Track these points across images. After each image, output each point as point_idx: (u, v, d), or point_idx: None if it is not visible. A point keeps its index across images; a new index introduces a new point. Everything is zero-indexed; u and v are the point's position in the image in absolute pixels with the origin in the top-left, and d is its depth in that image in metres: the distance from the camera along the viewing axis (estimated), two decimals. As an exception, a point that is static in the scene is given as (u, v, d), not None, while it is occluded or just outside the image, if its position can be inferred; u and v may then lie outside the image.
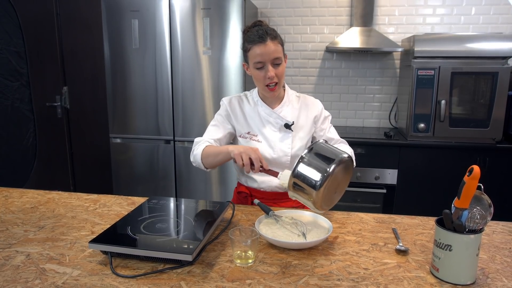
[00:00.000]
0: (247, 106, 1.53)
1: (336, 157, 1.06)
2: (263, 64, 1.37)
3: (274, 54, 1.35)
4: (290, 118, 1.48)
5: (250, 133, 1.49)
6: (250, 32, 1.39)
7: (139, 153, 2.94)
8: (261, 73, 1.38)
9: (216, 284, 0.90)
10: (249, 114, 1.51)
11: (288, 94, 1.53)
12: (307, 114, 1.52)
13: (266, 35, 1.35)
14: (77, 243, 1.12)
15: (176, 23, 2.71)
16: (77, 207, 1.42)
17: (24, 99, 2.16)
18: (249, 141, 1.49)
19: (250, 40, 1.37)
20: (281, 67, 1.39)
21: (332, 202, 1.14)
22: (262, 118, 1.49)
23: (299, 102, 1.54)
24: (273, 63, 1.37)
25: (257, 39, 1.35)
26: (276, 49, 1.36)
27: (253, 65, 1.38)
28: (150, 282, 0.91)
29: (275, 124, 1.48)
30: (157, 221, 1.15)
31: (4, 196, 1.53)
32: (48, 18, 3.22)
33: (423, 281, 0.92)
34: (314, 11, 3.20)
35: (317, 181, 1.03)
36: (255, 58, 1.36)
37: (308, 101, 1.55)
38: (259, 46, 1.34)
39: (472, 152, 2.61)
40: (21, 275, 0.94)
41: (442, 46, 2.62)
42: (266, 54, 1.34)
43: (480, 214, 0.91)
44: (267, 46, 1.34)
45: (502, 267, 0.99)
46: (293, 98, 1.54)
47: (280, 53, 1.38)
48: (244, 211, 1.38)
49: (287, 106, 1.50)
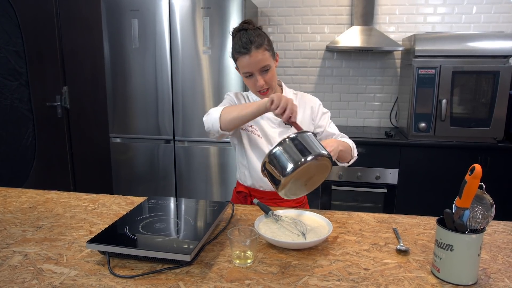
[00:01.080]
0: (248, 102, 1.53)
1: (314, 152, 1.05)
2: (251, 73, 1.36)
3: (260, 63, 1.33)
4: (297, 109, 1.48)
5: (253, 127, 1.49)
6: (236, 39, 1.37)
7: (139, 153, 2.94)
8: (251, 81, 1.39)
9: (214, 285, 0.89)
10: None
11: (285, 92, 1.54)
12: (305, 111, 1.52)
13: (250, 45, 1.31)
14: (75, 243, 1.11)
15: (176, 22, 2.70)
16: (75, 207, 1.41)
17: (23, 98, 2.15)
18: (251, 135, 1.49)
19: (236, 49, 1.35)
20: (270, 73, 1.38)
21: (298, 193, 1.15)
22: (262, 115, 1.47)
23: (296, 99, 1.54)
24: (261, 71, 1.36)
25: (241, 50, 1.33)
26: (262, 58, 1.33)
27: (242, 74, 1.40)
28: (148, 282, 0.90)
29: (274, 120, 1.48)
30: (156, 221, 1.14)
31: (3, 196, 1.52)
32: (48, 18, 3.22)
33: (424, 281, 0.91)
34: (315, 10, 3.19)
35: (287, 170, 1.03)
36: (243, 68, 1.36)
37: (305, 98, 1.55)
38: (244, 57, 1.33)
39: (473, 151, 2.60)
40: (18, 275, 0.93)
41: (443, 45, 2.60)
42: (252, 64, 1.33)
43: (482, 213, 0.90)
44: (252, 57, 1.32)
45: (504, 267, 0.98)
46: (291, 96, 1.54)
47: (267, 60, 1.35)
48: (243, 211, 1.37)
49: None
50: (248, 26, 1.37)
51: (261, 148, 1.47)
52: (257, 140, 1.47)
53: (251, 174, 1.50)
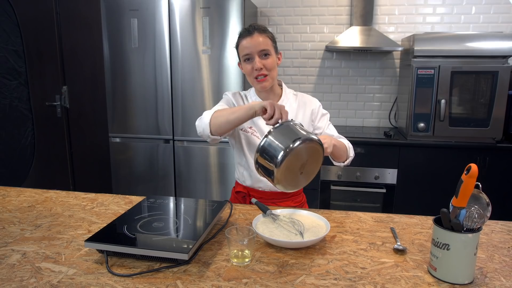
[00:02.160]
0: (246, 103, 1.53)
1: (303, 136, 1.05)
2: (250, 56, 1.38)
3: (261, 45, 1.36)
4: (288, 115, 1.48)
5: (252, 128, 1.48)
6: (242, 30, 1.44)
7: (138, 153, 2.94)
8: (249, 65, 1.39)
9: (212, 283, 0.90)
10: None
11: (285, 92, 1.54)
12: (305, 112, 1.52)
13: (254, 29, 1.37)
14: (73, 242, 1.11)
15: (175, 22, 2.70)
16: (74, 206, 1.41)
17: (23, 98, 2.15)
18: (250, 136, 1.49)
19: (240, 35, 1.41)
20: (270, 59, 1.39)
21: (297, 184, 1.14)
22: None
23: (296, 100, 1.54)
24: (260, 54, 1.37)
25: (244, 33, 1.39)
26: (264, 41, 1.37)
27: (242, 58, 1.41)
28: (146, 281, 0.91)
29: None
30: (154, 220, 1.14)
31: (2, 195, 1.52)
32: (48, 17, 3.22)
33: (420, 280, 0.92)
34: (314, 10, 3.20)
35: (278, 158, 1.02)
36: (243, 51, 1.39)
37: (305, 99, 1.55)
38: (246, 38, 1.38)
39: (472, 151, 2.61)
40: (16, 274, 0.93)
41: (442, 45, 2.61)
42: (252, 46, 1.36)
43: (478, 213, 0.90)
44: (253, 38, 1.36)
45: (500, 267, 0.99)
46: (291, 97, 1.54)
47: (268, 46, 1.38)
48: (241, 211, 1.37)
49: (285, 104, 1.50)
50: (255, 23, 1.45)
51: None
52: (256, 141, 1.47)
53: (250, 174, 1.50)
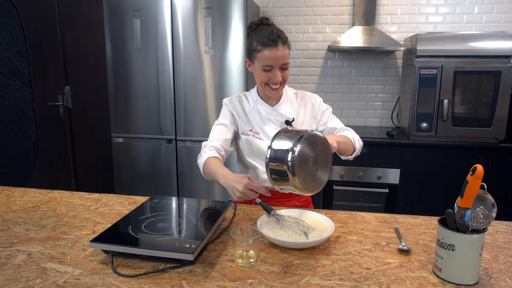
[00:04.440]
0: (247, 105, 1.54)
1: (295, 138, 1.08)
2: (271, 68, 1.37)
3: (284, 59, 1.36)
4: (290, 115, 1.50)
5: (252, 131, 1.51)
6: (259, 31, 1.38)
7: (141, 153, 2.94)
8: (267, 75, 1.39)
9: (217, 284, 0.90)
10: (250, 113, 1.53)
11: (286, 91, 1.55)
12: (306, 110, 1.53)
13: (278, 39, 1.34)
14: (78, 242, 1.12)
15: (178, 22, 2.71)
16: (78, 206, 1.42)
17: (26, 98, 2.16)
18: (252, 139, 1.50)
19: (261, 41, 1.35)
20: (288, 70, 1.41)
21: (320, 180, 1.15)
22: (263, 117, 1.51)
23: (297, 98, 1.55)
24: (281, 67, 1.38)
25: (269, 42, 1.33)
26: (286, 54, 1.37)
27: (261, 67, 1.38)
28: (151, 281, 0.91)
29: (276, 121, 1.49)
30: (159, 221, 1.14)
31: (6, 195, 1.53)
32: (50, 18, 3.23)
33: (425, 281, 0.92)
34: (316, 10, 3.20)
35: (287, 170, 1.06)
36: (265, 61, 1.36)
37: (305, 97, 1.56)
38: (270, 50, 1.34)
39: (475, 151, 2.60)
40: (22, 274, 0.94)
41: (445, 45, 2.60)
42: (276, 59, 1.35)
43: (484, 213, 0.90)
44: (278, 51, 1.34)
45: (505, 267, 0.99)
46: (291, 95, 1.55)
47: (288, 58, 1.39)
48: (246, 211, 1.38)
49: (286, 103, 1.52)
50: (269, 22, 1.42)
51: (263, 149, 1.48)
52: (259, 143, 1.48)
53: (257, 174, 1.50)
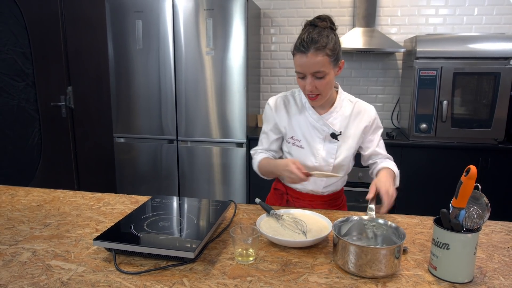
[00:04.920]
0: (293, 108, 1.44)
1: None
2: (303, 75, 1.28)
3: (314, 67, 1.23)
4: (338, 126, 1.39)
5: (294, 138, 1.43)
6: (302, 31, 1.27)
7: (142, 153, 2.97)
8: (301, 82, 1.30)
9: (217, 281, 0.92)
10: (295, 117, 1.43)
11: (340, 98, 1.41)
12: (358, 124, 1.41)
13: (310, 45, 1.21)
14: (81, 240, 1.14)
15: (179, 23, 2.73)
16: (81, 205, 1.44)
17: (30, 99, 2.19)
18: (291, 146, 1.43)
19: (296, 45, 1.26)
20: (325, 80, 1.26)
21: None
22: (308, 124, 1.41)
23: (352, 110, 1.42)
24: (314, 75, 1.26)
25: (299, 47, 1.24)
26: (319, 62, 1.22)
27: (296, 72, 1.30)
28: (153, 278, 0.93)
29: (321, 131, 1.39)
30: (160, 220, 1.17)
31: (11, 195, 1.56)
32: (53, 19, 3.26)
33: (421, 279, 0.94)
34: (317, 11, 3.22)
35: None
36: (297, 67, 1.28)
37: (361, 108, 1.42)
38: (300, 56, 1.24)
39: (474, 152, 2.62)
40: (27, 271, 0.96)
41: (444, 47, 2.62)
42: (305, 66, 1.24)
43: (477, 213, 0.92)
44: (308, 58, 1.22)
45: (499, 266, 1.01)
46: (346, 104, 1.42)
47: (324, 66, 1.24)
48: (245, 210, 1.40)
49: (337, 113, 1.40)
50: (320, 23, 1.26)
51: (303, 159, 1.41)
52: (299, 151, 1.42)
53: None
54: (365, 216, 1.12)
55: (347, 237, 1.09)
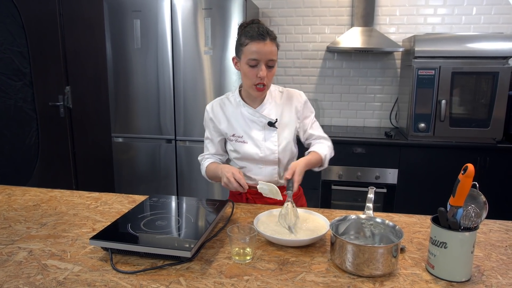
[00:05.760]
0: (230, 108, 1.52)
1: None
2: (257, 62, 1.35)
3: (270, 55, 1.35)
4: (273, 115, 1.49)
5: (235, 135, 1.50)
6: (249, 27, 1.37)
7: (140, 153, 2.96)
8: (252, 71, 1.36)
9: (214, 280, 0.92)
10: (233, 116, 1.51)
11: (270, 91, 1.52)
12: (291, 110, 1.52)
13: (267, 34, 1.34)
14: (78, 240, 1.14)
15: (177, 23, 2.72)
16: (78, 205, 1.44)
17: (27, 98, 2.18)
18: (235, 143, 1.50)
19: (249, 35, 1.34)
20: (273, 70, 1.39)
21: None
22: (246, 118, 1.49)
23: (282, 97, 1.53)
24: (267, 64, 1.36)
25: (257, 36, 1.33)
26: (273, 50, 1.36)
27: (247, 61, 1.36)
28: (149, 278, 0.93)
29: (259, 123, 1.48)
30: (157, 219, 1.16)
31: (7, 194, 1.55)
32: (51, 18, 3.25)
33: (418, 278, 0.94)
34: (315, 11, 3.22)
35: None
36: (251, 54, 1.34)
37: (291, 96, 1.54)
38: (258, 43, 1.33)
39: (472, 152, 2.62)
40: (23, 271, 0.96)
41: (443, 46, 2.62)
42: (263, 53, 1.33)
43: (475, 212, 0.92)
44: (266, 45, 1.33)
45: (497, 265, 1.00)
46: (276, 94, 1.53)
47: (276, 56, 1.38)
48: (243, 209, 1.40)
49: (270, 104, 1.50)
50: (260, 22, 1.40)
51: (248, 152, 1.49)
52: (243, 146, 1.49)
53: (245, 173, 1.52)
54: (363, 215, 1.12)
55: (345, 236, 1.09)
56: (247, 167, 1.52)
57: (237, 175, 1.33)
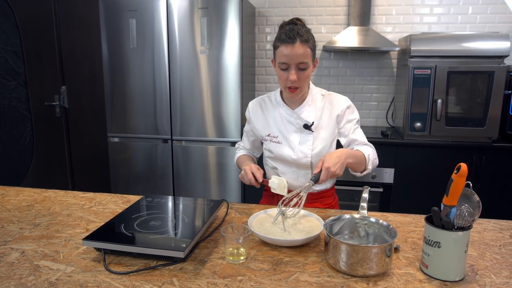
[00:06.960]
0: (269, 107, 1.53)
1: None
2: (287, 66, 1.33)
3: (300, 58, 1.30)
4: (311, 118, 1.44)
5: (270, 135, 1.50)
6: (283, 29, 1.35)
7: (137, 152, 2.95)
8: (284, 74, 1.35)
9: (207, 281, 0.91)
10: (271, 116, 1.51)
11: (311, 93, 1.48)
12: (331, 114, 1.46)
13: (297, 36, 1.29)
14: (71, 240, 1.13)
15: (174, 22, 2.72)
16: (72, 205, 1.43)
17: (21, 98, 2.17)
18: (269, 143, 1.50)
19: (280, 38, 1.33)
20: (306, 72, 1.34)
21: None
22: (283, 119, 1.47)
23: (323, 101, 1.48)
24: (298, 66, 1.32)
25: (286, 39, 1.30)
26: (304, 53, 1.30)
27: (278, 64, 1.35)
28: (142, 278, 0.92)
29: (296, 124, 1.45)
30: (151, 219, 1.16)
31: (1, 194, 1.54)
32: (47, 17, 3.23)
33: (412, 277, 0.93)
34: (312, 10, 3.21)
35: None
36: (281, 58, 1.32)
37: (333, 100, 1.48)
38: (286, 46, 1.30)
39: (468, 151, 2.62)
40: (15, 272, 0.95)
41: (439, 46, 2.62)
42: (292, 56, 1.30)
43: (469, 211, 0.92)
44: (294, 48, 1.29)
45: (491, 264, 1.00)
46: (317, 97, 1.48)
47: (308, 58, 1.32)
48: (238, 210, 1.39)
49: (309, 106, 1.46)
50: (298, 21, 1.37)
51: (282, 154, 1.47)
52: (278, 147, 1.48)
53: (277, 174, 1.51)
54: (357, 215, 1.12)
55: (339, 235, 1.09)
56: (280, 168, 1.50)
57: (254, 169, 1.35)
